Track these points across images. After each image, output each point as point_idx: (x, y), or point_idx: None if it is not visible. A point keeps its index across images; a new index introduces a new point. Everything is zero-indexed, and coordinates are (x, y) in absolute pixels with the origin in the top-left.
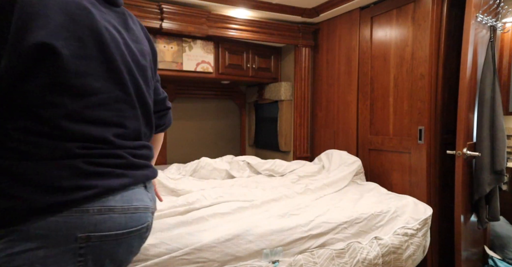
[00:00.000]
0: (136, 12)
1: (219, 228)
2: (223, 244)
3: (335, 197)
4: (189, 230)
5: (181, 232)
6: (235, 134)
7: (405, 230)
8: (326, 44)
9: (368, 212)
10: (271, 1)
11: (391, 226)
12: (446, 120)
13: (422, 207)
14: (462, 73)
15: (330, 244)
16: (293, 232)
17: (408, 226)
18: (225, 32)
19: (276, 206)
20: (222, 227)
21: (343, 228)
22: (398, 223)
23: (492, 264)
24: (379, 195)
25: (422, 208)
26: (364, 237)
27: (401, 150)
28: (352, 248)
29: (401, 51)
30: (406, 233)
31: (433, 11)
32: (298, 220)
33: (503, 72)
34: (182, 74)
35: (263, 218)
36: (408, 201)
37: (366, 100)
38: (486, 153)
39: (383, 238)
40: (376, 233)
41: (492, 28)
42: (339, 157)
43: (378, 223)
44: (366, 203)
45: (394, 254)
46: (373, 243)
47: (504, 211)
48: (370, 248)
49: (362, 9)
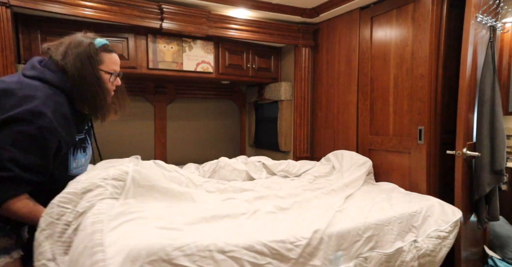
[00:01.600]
0: (136, 12)
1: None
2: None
3: (363, 197)
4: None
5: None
6: (235, 134)
7: (438, 233)
8: (326, 44)
9: (406, 212)
10: (271, 1)
11: (425, 227)
12: (446, 120)
13: (449, 208)
14: (462, 73)
15: (379, 246)
16: (350, 234)
17: (441, 229)
18: (225, 32)
19: (314, 207)
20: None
21: (389, 229)
22: (431, 224)
23: (492, 264)
24: (404, 195)
25: (449, 210)
26: (404, 238)
27: (401, 150)
28: (399, 251)
29: (401, 51)
30: (439, 235)
31: (433, 11)
32: (349, 222)
33: (503, 72)
34: (182, 74)
35: (313, 221)
36: (433, 202)
37: (366, 100)
38: (486, 153)
39: (418, 240)
40: (414, 234)
41: (492, 28)
42: (349, 157)
43: (415, 223)
44: (398, 202)
45: (429, 256)
46: (411, 246)
47: (504, 211)
48: (408, 250)
49: (362, 9)
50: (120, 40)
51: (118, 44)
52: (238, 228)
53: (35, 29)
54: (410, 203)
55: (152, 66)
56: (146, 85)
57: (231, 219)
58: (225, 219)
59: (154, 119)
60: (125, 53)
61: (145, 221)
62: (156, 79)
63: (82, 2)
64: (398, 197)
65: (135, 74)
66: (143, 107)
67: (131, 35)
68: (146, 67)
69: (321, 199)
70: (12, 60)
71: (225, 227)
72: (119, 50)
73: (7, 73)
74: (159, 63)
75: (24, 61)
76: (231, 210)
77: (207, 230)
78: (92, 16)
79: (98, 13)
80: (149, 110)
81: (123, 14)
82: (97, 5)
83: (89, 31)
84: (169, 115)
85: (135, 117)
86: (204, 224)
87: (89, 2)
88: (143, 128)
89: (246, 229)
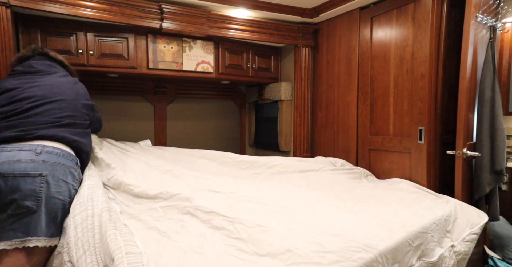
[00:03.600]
0: (136, 12)
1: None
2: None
3: (386, 198)
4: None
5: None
6: (235, 134)
7: (472, 236)
8: (326, 44)
9: (442, 216)
10: (271, 1)
11: (458, 231)
12: (446, 120)
13: (471, 209)
14: (462, 73)
15: (425, 255)
16: (402, 245)
17: (473, 231)
18: (225, 32)
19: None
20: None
21: (431, 236)
22: (462, 227)
23: (492, 264)
24: (425, 194)
25: (472, 211)
26: (442, 244)
27: (401, 150)
28: (441, 259)
29: (401, 51)
30: (473, 239)
31: (433, 11)
32: (397, 231)
33: (503, 72)
34: (182, 74)
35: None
36: (453, 202)
37: (366, 100)
38: (486, 153)
39: (456, 245)
40: (449, 238)
41: (492, 28)
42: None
43: (448, 227)
44: (429, 206)
45: (464, 260)
46: (451, 251)
47: (504, 211)
48: (449, 256)
49: (362, 9)
50: (120, 40)
51: (118, 44)
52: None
53: (35, 29)
54: (437, 205)
55: (152, 66)
56: (146, 85)
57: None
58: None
59: (154, 119)
60: (125, 53)
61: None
62: (156, 79)
63: (82, 2)
64: (422, 196)
65: (135, 74)
66: (143, 107)
67: (131, 35)
68: (146, 67)
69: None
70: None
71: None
72: (119, 50)
73: (7, 73)
74: (159, 63)
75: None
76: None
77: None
78: (92, 16)
79: (98, 13)
80: (149, 110)
81: (123, 14)
82: (97, 5)
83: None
84: (169, 115)
85: (135, 117)
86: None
87: (89, 2)
88: (143, 128)
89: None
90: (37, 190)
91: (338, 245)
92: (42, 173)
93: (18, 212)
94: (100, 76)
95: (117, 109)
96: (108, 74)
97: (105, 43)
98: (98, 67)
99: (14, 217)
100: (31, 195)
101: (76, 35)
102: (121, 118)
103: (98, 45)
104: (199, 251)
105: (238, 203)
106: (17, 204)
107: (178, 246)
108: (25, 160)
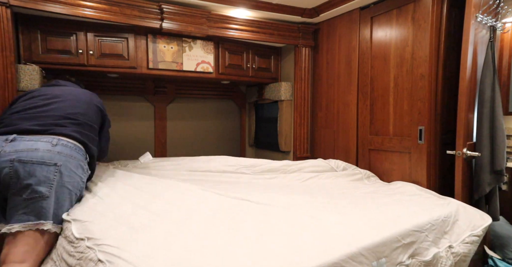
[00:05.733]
0: (136, 12)
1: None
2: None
3: (387, 199)
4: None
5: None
6: (235, 134)
7: (472, 238)
8: (326, 44)
9: (440, 217)
10: (271, 1)
11: (457, 232)
12: (446, 120)
13: (474, 211)
14: (462, 73)
15: (418, 254)
16: (391, 241)
17: (474, 233)
18: (225, 32)
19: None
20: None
21: (425, 235)
22: (463, 228)
23: (492, 264)
24: (427, 197)
25: (475, 213)
26: (439, 244)
27: (401, 150)
28: (436, 259)
29: (401, 51)
30: (473, 240)
31: (433, 11)
32: (388, 228)
33: (503, 72)
34: (182, 74)
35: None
36: (455, 203)
37: (366, 100)
38: (486, 153)
39: (454, 246)
40: (447, 239)
41: (492, 28)
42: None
43: (446, 228)
44: (427, 207)
45: (464, 262)
46: (448, 252)
47: (504, 211)
48: (446, 257)
49: (362, 9)
50: (120, 40)
51: (118, 44)
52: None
53: (35, 29)
54: (436, 206)
55: (152, 66)
56: (146, 85)
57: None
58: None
59: (154, 119)
60: (125, 53)
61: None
62: (156, 79)
63: (82, 2)
64: (423, 198)
65: (135, 74)
66: (143, 107)
67: (131, 35)
68: (146, 67)
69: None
70: (12, 60)
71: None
72: (119, 50)
73: (7, 73)
74: (159, 63)
75: (24, 61)
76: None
77: None
78: (92, 16)
79: (98, 13)
80: (149, 110)
81: (123, 14)
82: (97, 5)
83: (89, 31)
84: (169, 115)
85: (135, 117)
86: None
87: (89, 2)
88: (143, 128)
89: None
90: (51, 177)
91: (318, 243)
92: (57, 163)
93: (32, 196)
94: (100, 76)
95: (117, 109)
96: (108, 74)
97: (105, 43)
98: (98, 67)
99: (28, 201)
100: (45, 181)
101: (76, 35)
102: (121, 118)
103: (98, 45)
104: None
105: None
106: (32, 189)
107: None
108: (43, 149)
